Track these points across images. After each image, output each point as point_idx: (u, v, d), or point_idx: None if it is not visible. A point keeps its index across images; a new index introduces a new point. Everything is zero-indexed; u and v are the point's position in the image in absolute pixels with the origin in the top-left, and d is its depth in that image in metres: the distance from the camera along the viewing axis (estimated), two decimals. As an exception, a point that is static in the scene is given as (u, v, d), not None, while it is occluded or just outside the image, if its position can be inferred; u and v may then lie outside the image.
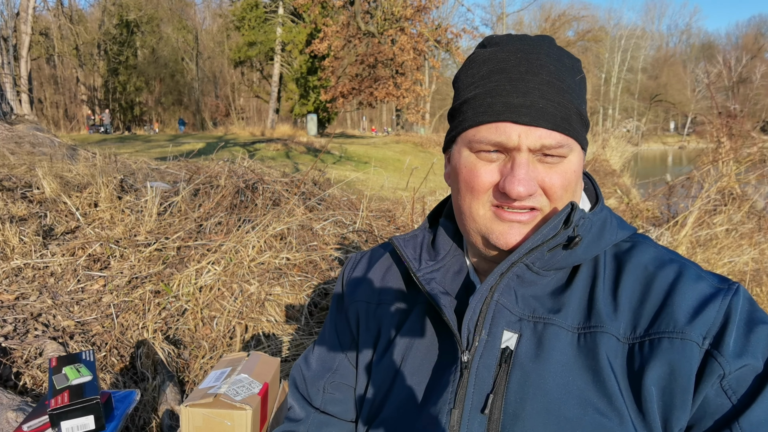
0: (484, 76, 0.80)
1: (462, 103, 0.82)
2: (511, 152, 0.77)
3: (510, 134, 0.75)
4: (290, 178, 4.40)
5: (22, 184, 3.80)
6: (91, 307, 2.60)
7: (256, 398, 1.16)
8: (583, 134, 0.81)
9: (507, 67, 0.78)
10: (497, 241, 0.80)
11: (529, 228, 0.79)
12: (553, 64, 0.78)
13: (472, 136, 0.79)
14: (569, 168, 0.78)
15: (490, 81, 0.78)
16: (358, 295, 1.01)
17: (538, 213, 0.79)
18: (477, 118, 0.78)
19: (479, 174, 0.79)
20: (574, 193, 0.81)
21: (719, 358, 0.69)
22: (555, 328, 0.77)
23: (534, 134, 0.75)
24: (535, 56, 0.78)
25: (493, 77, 0.78)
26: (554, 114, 0.75)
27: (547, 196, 0.78)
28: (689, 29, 78.02)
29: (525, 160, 0.76)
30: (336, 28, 27.17)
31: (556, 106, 0.76)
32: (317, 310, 2.81)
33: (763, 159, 5.39)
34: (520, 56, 0.78)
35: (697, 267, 0.80)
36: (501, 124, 0.76)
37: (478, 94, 0.79)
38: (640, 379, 0.72)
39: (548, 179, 0.77)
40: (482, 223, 0.82)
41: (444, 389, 0.80)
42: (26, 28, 21.31)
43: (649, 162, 23.80)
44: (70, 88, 38.93)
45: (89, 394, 1.28)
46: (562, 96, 0.77)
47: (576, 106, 0.78)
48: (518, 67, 0.77)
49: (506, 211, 0.79)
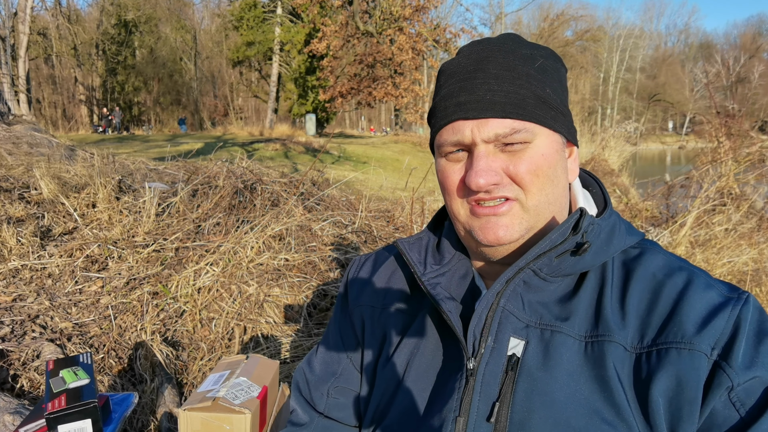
0: (442, 84, 0.83)
1: (429, 113, 0.87)
2: (470, 148, 0.79)
3: (464, 131, 0.77)
4: (289, 179, 4.39)
5: (20, 184, 3.78)
6: (89, 309, 2.59)
7: (255, 402, 1.16)
8: (549, 117, 0.79)
9: (459, 70, 0.81)
10: (478, 236, 0.81)
11: (506, 219, 0.79)
12: (503, 57, 0.79)
13: (438, 140, 0.83)
14: (535, 153, 0.78)
15: (446, 87, 0.82)
16: (363, 299, 1.00)
17: (514, 203, 0.79)
18: (437, 123, 0.82)
19: (448, 174, 0.82)
20: (550, 179, 0.79)
21: (728, 369, 0.68)
22: (562, 336, 0.77)
23: (485, 126, 0.76)
24: (486, 53, 0.79)
25: (448, 82, 0.82)
26: (503, 102, 0.76)
27: (518, 185, 0.78)
28: (687, 29, 78.12)
29: (482, 152, 0.77)
30: (335, 28, 27.16)
31: (505, 95, 0.76)
32: (316, 311, 2.80)
33: (762, 159, 5.40)
34: (473, 57, 0.80)
35: (707, 275, 0.78)
36: (455, 123, 0.79)
37: (437, 102, 0.83)
38: (647, 389, 0.71)
39: (512, 167, 0.77)
40: (464, 221, 0.83)
41: (449, 396, 0.79)
42: (24, 28, 21.27)
43: (647, 161, 23.85)
44: (68, 88, 38.84)
45: (87, 398, 1.27)
46: (511, 83, 0.77)
47: (533, 91, 0.78)
48: (468, 67, 0.80)
49: (481, 207, 0.80)
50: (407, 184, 4.75)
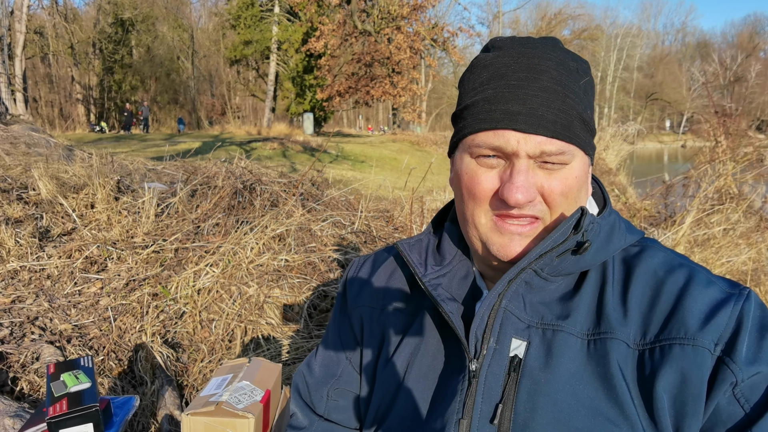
0: (484, 82, 0.79)
1: (463, 108, 0.82)
2: (510, 158, 0.76)
3: (509, 140, 0.75)
4: (288, 179, 4.38)
5: (18, 185, 3.77)
6: (89, 311, 2.58)
7: (258, 406, 1.15)
8: (586, 140, 0.79)
9: (507, 73, 0.77)
10: (497, 252, 0.80)
11: (529, 240, 0.78)
12: (555, 69, 0.76)
13: (472, 141, 0.79)
14: (570, 174, 0.77)
15: (490, 87, 0.78)
16: (362, 300, 1.00)
17: (539, 223, 0.78)
18: (476, 125, 0.78)
19: (479, 181, 0.79)
20: (576, 200, 0.79)
21: (731, 365, 0.68)
22: (564, 335, 0.76)
23: (533, 141, 0.74)
24: (536, 60, 0.77)
25: (492, 83, 0.78)
26: (554, 121, 0.74)
27: (546, 203, 0.77)
28: (685, 28, 78.23)
29: (524, 167, 0.75)
30: (332, 27, 27.10)
31: (557, 113, 0.74)
32: (317, 312, 2.80)
33: (760, 158, 5.41)
34: (521, 61, 0.77)
35: (708, 271, 0.79)
36: (499, 130, 0.75)
37: (478, 101, 0.79)
38: (651, 386, 0.71)
39: (547, 185, 0.76)
40: (483, 231, 0.81)
41: (452, 398, 0.79)
42: (21, 27, 21.20)
43: (644, 160, 23.89)
44: (65, 87, 38.66)
45: (88, 402, 1.26)
46: (563, 102, 0.75)
47: (579, 111, 0.77)
48: (518, 73, 0.76)
49: (507, 223, 0.78)
50: (406, 183, 4.74)
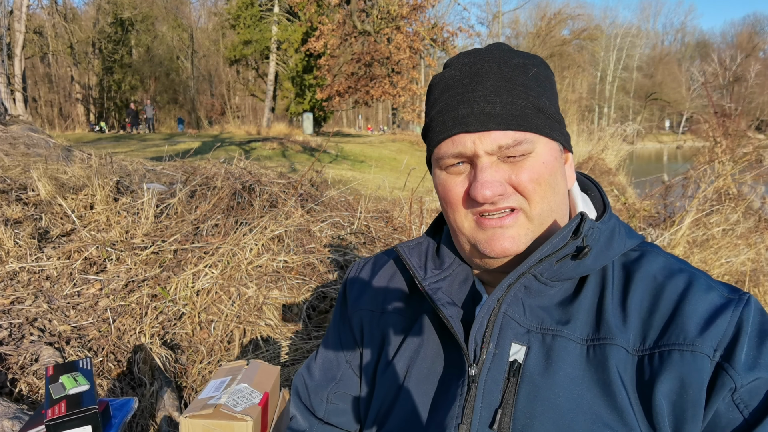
0: (437, 98, 0.83)
1: (426, 127, 0.86)
2: (473, 160, 0.78)
3: (465, 143, 0.77)
4: (287, 179, 4.38)
5: (17, 186, 3.76)
6: (88, 312, 2.58)
7: (256, 409, 1.15)
8: (547, 126, 0.80)
9: (453, 84, 0.81)
10: (485, 249, 0.80)
11: (513, 230, 0.79)
12: (498, 67, 0.79)
13: (437, 154, 0.82)
14: (536, 161, 0.78)
15: (441, 100, 0.82)
16: (362, 303, 1.00)
17: (519, 213, 0.79)
18: (436, 137, 0.82)
19: (450, 188, 0.82)
20: (551, 186, 0.80)
21: (730, 371, 0.68)
22: (564, 341, 0.77)
23: (487, 138, 0.76)
24: (478, 65, 0.79)
25: (443, 96, 0.82)
26: (503, 114, 0.76)
27: (521, 194, 0.78)
28: (684, 28, 78.24)
29: (486, 164, 0.77)
30: (332, 27, 27.09)
31: (504, 106, 0.76)
32: (316, 313, 2.80)
33: (759, 159, 5.41)
34: (465, 70, 0.80)
35: (707, 277, 0.79)
36: (455, 137, 0.78)
37: (434, 116, 0.83)
38: (650, 392, 0.71)
39: (515, 176, 0.77)
40: (469, 234, 0.82)
41: (451, 403, 0.79)
42: (20, 27, 21.17)
43: (644, 160, 23.89)
44: (64, 87, 38.63)
45: (87, 404, 1.26)
46: (509, 95, 0.77)
47: (531, 101, 0.78)
48: (462, 80, 0.80)
49: (486, 219, 0.79)
50: (405, 184, 4.74)
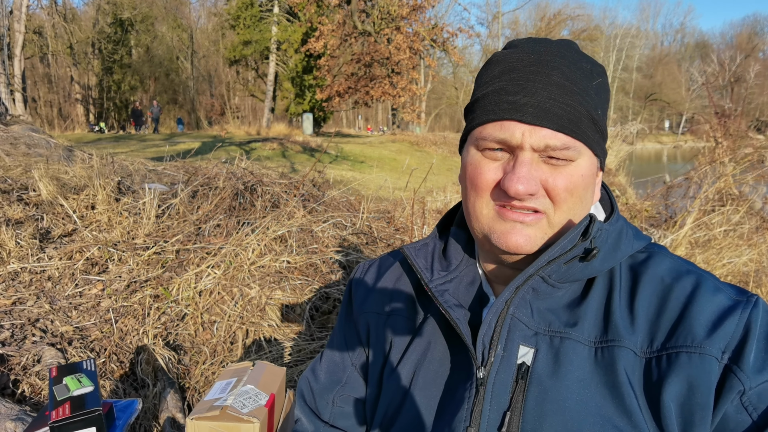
0: (495, 76, 0.79)
1: (473, 102, 0.82)
2: (514, 151, 0.76)
3: (514, 132, 0.74)
4: (289, 180, 4.37)
5: (18, 186, 3.75)
6: (90, 312, 2.57)
7: (263, 410, 1.15)
8: (595, 140, 0.78)
9: (517, 67, 0.77)
10: (498, 241, 0.78)
11: (531, 230, 0.77)
12: (567, 66, 0.76)
13: (479, 133, 0.79)
14: (576, 172, 0.77)
15: (500, 80, 0.78)
16: (368, 306, 0.99)
17: (542, 216, 0.77)
18: (483, 116, 0.78)
19: (482, 171, 0.78)
20: (581, 199, 0.78)
21: (739, 373, 0.68)
22: (572, 343, 0.76)
23: (538, 133, 0.74)
24: (548, 58, 0.77)
25: (503, 77, 0.78)
26: (560, 115, 0.74)
27: (550, 199, 0.76)
28: (683, 28, 78.32)
29: (527, 159, 0.74)
30: (332, 27, 27.09)
31: (564, 107, 0.74)
32: (319, 313, 2.79)
33: (761, 159, 5.41)
34: (533, 57, 0.77)
35: (715, 278, 0.78)
36: (505, 122, 0.75)
37: (487, 93, 0.79)
38: (658, 394, 0.70)
39: (551, 180, 0.75)
40: (485, 222, 0.80)
41: (459, 406, 0.78)
42: (20, 27, 21.17)
43: (644, 160, 23.89)
44: (64, 87, 38.60)
45: (91, 406, 1.25)
46: (571, 98, 0.75)
47: (588, 110, 0.76)
48: (528, 68, 0.76)
49: (509, 210, 0.77)
50: (407, 184, 4.73)
